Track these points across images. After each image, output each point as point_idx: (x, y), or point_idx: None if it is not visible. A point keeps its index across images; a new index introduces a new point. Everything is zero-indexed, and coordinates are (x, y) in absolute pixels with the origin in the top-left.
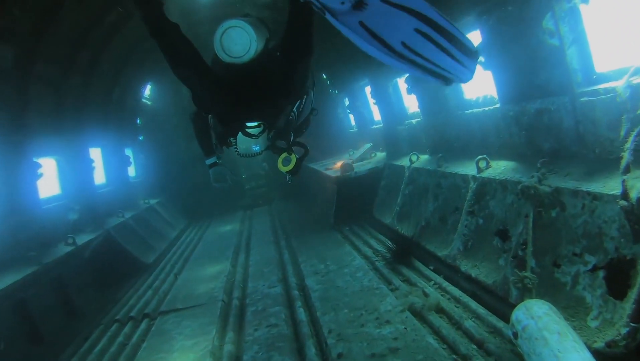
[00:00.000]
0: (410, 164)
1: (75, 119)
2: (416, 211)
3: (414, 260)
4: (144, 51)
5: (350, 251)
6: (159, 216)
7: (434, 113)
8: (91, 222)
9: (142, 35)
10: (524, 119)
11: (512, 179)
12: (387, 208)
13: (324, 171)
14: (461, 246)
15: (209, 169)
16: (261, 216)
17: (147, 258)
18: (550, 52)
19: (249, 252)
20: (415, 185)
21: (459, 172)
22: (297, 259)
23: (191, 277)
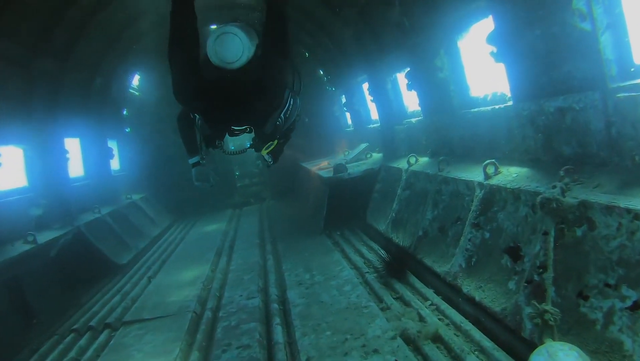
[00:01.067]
0: (408, 166)
1: (47, 106)
2: (413, 219)
3: (409, 274)
4: (129, 39)
5: (340, 259)
6: (141, 213)
7: (436, 112)
8: (61, 218)
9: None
10: (541, 119)
11: (526, 188)
12: (381, 214)
13: (316, 171)
14: (463, 263)
15: (191, 168)
16: (250, 216)
17: (122, 258)
18: (579, 39)
19: (232, 255)
20: (413, 190)
21: (463, 178)
22: (281, 267)
23: (166, 282)
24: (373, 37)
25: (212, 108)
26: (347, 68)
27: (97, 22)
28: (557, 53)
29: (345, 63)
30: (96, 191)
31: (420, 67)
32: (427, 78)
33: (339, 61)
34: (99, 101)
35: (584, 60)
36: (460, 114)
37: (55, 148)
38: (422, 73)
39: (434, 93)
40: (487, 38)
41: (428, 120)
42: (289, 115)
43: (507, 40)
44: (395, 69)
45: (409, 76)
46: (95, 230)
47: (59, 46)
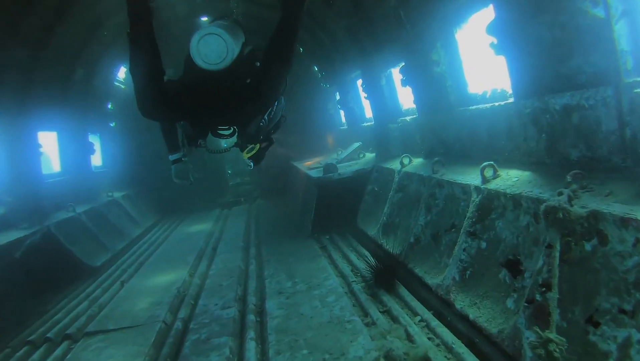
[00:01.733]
0: (401, 167)
1: (18, 96)
2: (405, 224)
3: (398, 285)
4: (112, 29)
5: (326, 266)
6: (122, 212)
7: (431, 109)
8: (28, 216)
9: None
10: (545, 118)
11: (528, 194)
12: (372, 218)
13: (305, 170)
14: (457, 275)
15: (171, 165)
16: (238, 217)
17: (96, 260)
18: (590, 28)
19: (213, 259)
20: (406, 193)
21: (459, 181)
22: (263, 273)
23: (139, 286)
24: (367, 30)
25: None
26: (342, 64)
27: (74, 10)
28: (565, 44)
29: (339, 58)
30: (74, 188)
31: (416, 61)
32: (423, 73)
33: (333, 56)
34: (80, 93)
35: (595, 51)
36: (457, 112)
37: (27, 142)
38: (417, 68)
39: (430, 89)
40: (487, 28)
41: (423, 118)
42: (272, 115)
43: (509, 31)
44: (390, 63)
45: (404, 71)
46: (67, 230)
47: (31, 33)
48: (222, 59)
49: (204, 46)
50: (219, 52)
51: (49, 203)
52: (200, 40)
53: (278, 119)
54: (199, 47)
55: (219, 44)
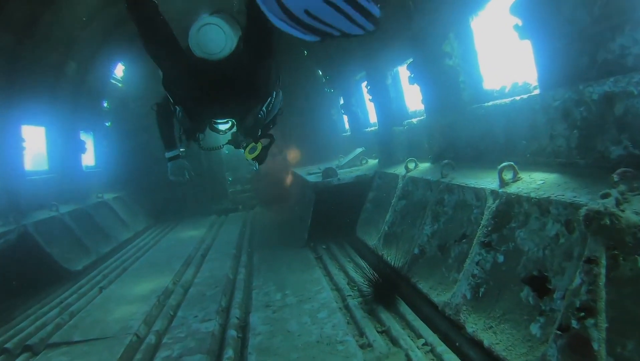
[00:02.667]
0: (405, 172)
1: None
2: (408, 234)
3: (399, 302)
4: (107, 21)
5: (320, 278)
6: (111, 214)
7: (441, 108)
8: (3, 214)
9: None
10: (578, 111)
11: (560, 198)
12: (373, 227)
13: (303, 175)
14: (469, 293)
15: (167, 162)
16: (233, 223)
17: (76, 264)
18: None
19: (201, 266)
20: (410, 200)
21: (471, 185)
22: (251, 283)
23: (117, 294)
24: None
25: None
26: (346, 65)
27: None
28: (606, 21)
29: (343, 59)
30: (61, 187)
31: (425, 56)
32: (433, 68)
33: (337, 57)
34: (72, 88)
35: None
36: (471, 110)
37: (8, 134)
38: (427, 63)
39: (440, 86)
40: (510, 8)
41: (431, 119)
42: (271, 108)
43: (537, 10)
44: (397, 61)
45: (412, 68)
46: (47, 230)
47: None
48: (220, 49)
49: (202, 36)
50: (218, 42)
51: (29, 201)
52: (200, 30)
53: (276, 113)
54: (198, 37)
55: (217, 33)
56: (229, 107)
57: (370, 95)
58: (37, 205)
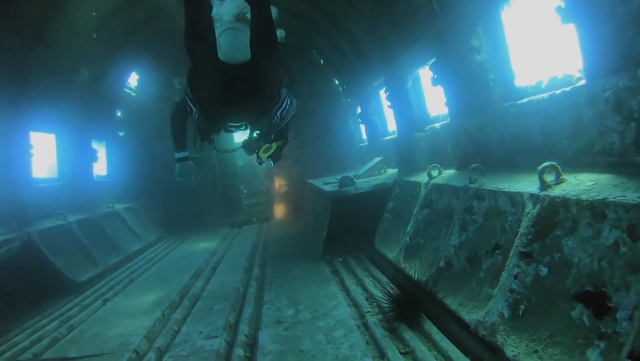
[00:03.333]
0: (428, 179)
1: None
2: (432, 245)
3: (424, 320)
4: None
5: (336, 292)
6: (122, 224)
7: (468, 110)
8: (8, 222)
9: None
10: (636, 100)
11: (620, 200)
12: (393, 238)
13: (319, 185)
14: (506, 310)
15: (176, 163)
16: (247, 236)
17: (82, 274)
18: None
19: (210, 279)
20: (434, 208)
21: (506, 190)
22: (262, 297)
23: (121, 306)
24: (392, 27)
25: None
26: (364, 72)
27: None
28: None
29: (361, 66)
30: (70, 195)
31: (450, 54)
32: (459, 67)
33: (355, 63)
34: (85, 96)
35: None
36: (501, 110)
37: (15, 140)
38: (452, 61)
39: (467, 85)
40: None
41: (456, 122)
42: (285, 114)
43: None
44: (418, 62)
45: (435, 68)
46: (52, 239)
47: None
48: (241, 53)
49: (224, 40)
50: (239, 46)
51: (36, 209)
52: (222, 35)
53: (289, 120)
54: (220, 41)
55: (239, 38)
56: (244, 110)
57: (390, 101)
58: (45, 214)
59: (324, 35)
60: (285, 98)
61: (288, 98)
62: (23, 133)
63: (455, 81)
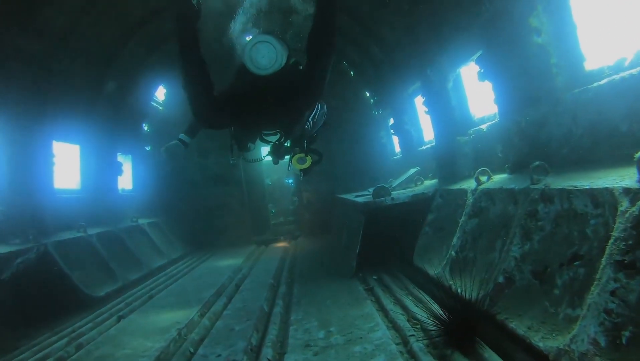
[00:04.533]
0: (476, 185)
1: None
2: (485, 259)
3: (481, 346)
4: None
5: (373, 313)
6: (145, 239)
7: (523, 105)
8: (24, 231)
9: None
10: None
11: None
12: (434, 253)
13: (351, 198)
14: (602, 337)
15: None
16: (274, 253)
17: (99, 289)
18: None
19: (233, 296)
20: (485, 217)
21: (585, 187)
22: (289, 317)
23: (135, 324)
24: (431, 25)
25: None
26: (398, 79)
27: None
28: None
29: (395, 73)
30: (93, 208)
31: (501, 42)
32: (512, 55)
33: (387, 71)
34: (111, 108)
35: None
36: (568, 98)
37: (37, 149)
38: (503, 50)
39: (522, 76)
40: None
41: (508, 120)
42: (316, 120)
43: None
44: (461, 59)
45: (482, 61)
46: (70, 252)
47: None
48: (272, 64)
49: (255, 53)
50: (270, 57)
51: (57, 221)
52: (252, 48)
53: (321, 125)
54: (251, 54)
55: (269, 50)
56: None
57: (426, 106)
58: (65, 225)
59: (355, 44)
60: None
61: (319, 103)
62: (46, 142)
63: (508, 73)
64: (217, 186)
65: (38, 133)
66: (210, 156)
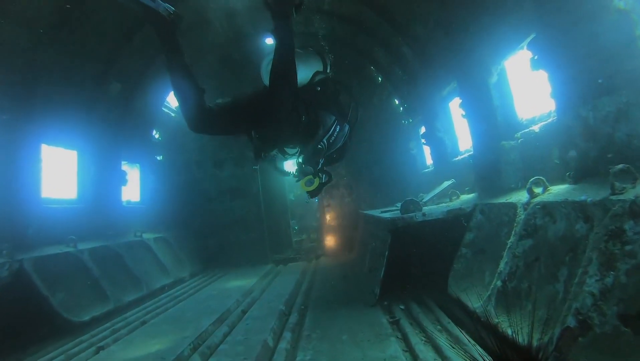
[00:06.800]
0: (529, 198)
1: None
2: (545, 292)
3: None
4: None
5: (398, 355)
6: (149, 256)
7: (591, 95)
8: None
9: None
10: None
11: None
12: (474, 280)
13: (377, 215)
14: None
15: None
16: (291, 274)
17: (83, 313)
18: None
19: (236, 325)
20: (542, 237)
21: None
22: (295, 356)
23: (117, 357)
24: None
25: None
26: (431, 81)
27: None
28: None
29: (427, 74)
30: (91, 220)
31: (562, 17)
32: (579, 29)
33: (419, 74)
34: (115, 111)
35: None
36: None
37: (21, 153)
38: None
39: (593, 56)
40: None
41: (569, 117)
42: (332, 141)
43: None
44: (505, 49)
45: (535, 46)
46: (53, 270)
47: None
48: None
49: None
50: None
51: (44, 233)
52: (268, 64)
53: (340, 146)
54: (267, 69)
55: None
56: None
57: (464, 109)
58: (54, 239)
59: (384, 44)
60: (333, 124)
61: (337, 125)
62: (32, 145)
63: (571, 55)
64: (233, 200)
65: (22, 134)
66: (225, 167)
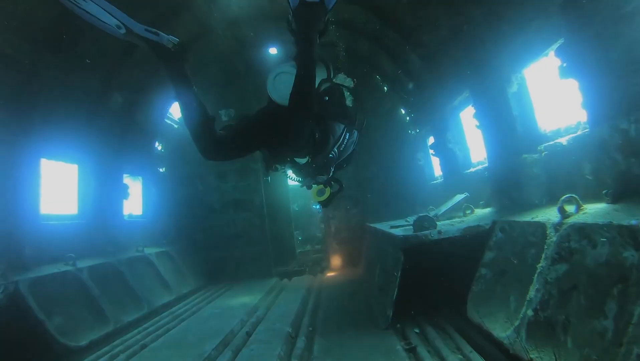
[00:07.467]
0: (561, 218)
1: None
2: (587, 326)
3: None
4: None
5: None
6: (151, 271)
7: (629, 105)
8: None
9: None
10: None
11: None
12: (496, 304)
13: (387, 230)
14: None
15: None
16: (297, 289)
17: (80, 337)
18: None
19: (240, 350)
20: (579, 263)
21: None
22: None
23: None
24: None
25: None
26: (440, 90)
27: None
28: None
29: (437, 84)
30: (92, 236)
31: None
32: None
33: (428, 83)
34: (117, 123)
35: None
36: None
37: (18, 168)
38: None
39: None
40: None
41: (604, 128)
42: (343, 148)
43: None
44: (527, 57)
45: (565, 52)
46: (50, 291)
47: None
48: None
49: (278, 83)
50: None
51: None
52: (276, 78)
53: (349, 153)
54: (275, 84)
55: (290, 82)
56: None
57: (478, 119)
58: (52, 257)
59: (389, 53)
60: (342, 132)
61: (347, 132)
62: (31, 160)
63: (607, 60)
64: (237, 211)
65: (21, 149)
66: (229, 179)
